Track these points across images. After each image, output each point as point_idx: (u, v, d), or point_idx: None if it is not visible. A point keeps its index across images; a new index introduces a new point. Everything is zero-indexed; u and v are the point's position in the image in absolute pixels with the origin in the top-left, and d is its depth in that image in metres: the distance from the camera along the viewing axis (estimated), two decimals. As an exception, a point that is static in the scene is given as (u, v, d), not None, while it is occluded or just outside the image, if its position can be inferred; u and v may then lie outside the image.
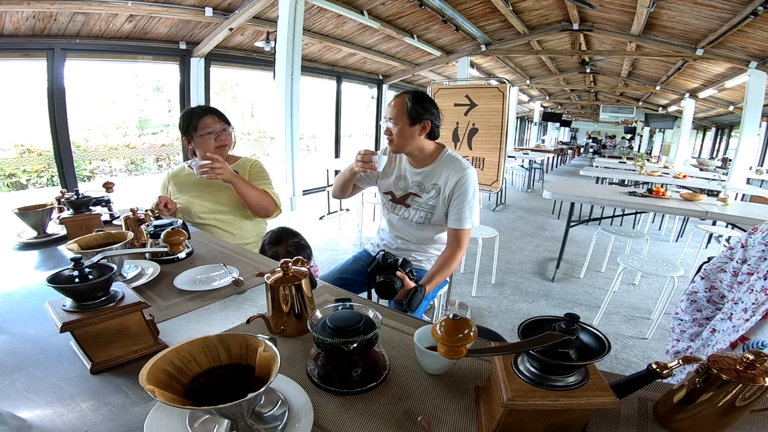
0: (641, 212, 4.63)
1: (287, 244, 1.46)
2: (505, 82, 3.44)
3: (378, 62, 6.80)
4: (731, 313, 0.74)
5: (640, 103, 12.66)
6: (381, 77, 7.73)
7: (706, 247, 4.03)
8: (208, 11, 3.91)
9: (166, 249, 0.96)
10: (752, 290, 0.71)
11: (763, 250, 0.72)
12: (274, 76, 3.59)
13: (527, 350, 0.51)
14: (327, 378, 0.69)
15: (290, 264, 0.87)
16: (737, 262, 0.79)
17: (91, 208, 1.46)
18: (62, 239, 1.39)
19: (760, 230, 0.76)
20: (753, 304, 0.71)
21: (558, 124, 17.85)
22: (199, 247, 1.38)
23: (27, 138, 5.97)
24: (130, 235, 1.06)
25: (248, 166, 1.81)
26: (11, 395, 0.64)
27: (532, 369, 0.54)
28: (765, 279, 0.71)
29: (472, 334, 0.50)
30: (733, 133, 10.92)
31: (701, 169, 7.69)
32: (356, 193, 1.79)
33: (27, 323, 0.87)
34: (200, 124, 1.66)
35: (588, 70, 8.24)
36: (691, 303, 0.93)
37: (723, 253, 0.86)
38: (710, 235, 3.91)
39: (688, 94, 8.24)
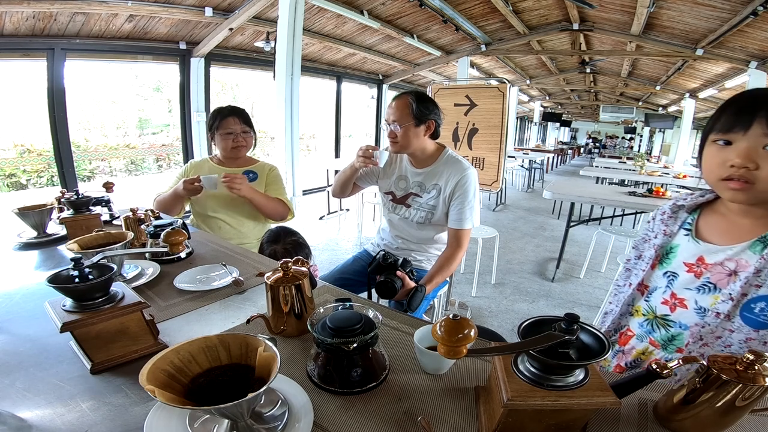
0: (641, 212, 4.63)
1: (285, 242, 1.46)
2: (505, 82, 3.44)
3: (378, 62, 6.81)
4: (641, 269, 0.95)
5: (640, 103, 12.66)
6: (381, 77, 7.73)
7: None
8: (208, 11, 3.91)
9: (166, 249, 0.96)
10: (649, 247, 0.93)
11: (661, 218, 0.93)
12: (274, 76, 3.60)
13: (527, 350, 0.51)
14: (327, 378, 0.69)
15: (290, 264, 0.87)
16: (650, 231, 0.98)
17: (91, 208, 1.46)
18: (62, 239, 1.39)
19: (662, 205, 0.96)
20: (648, 258, 0.92)
21: (558, 124, 17.85)
22: (199, 247, 1.38)
23: (27, 138, 5.96)
24: (130, 235, 1.06)
25: (266, 170, 1.87)
26: (11, 395, 0.64)
27: (532, 369, 0.54)
28: (655, 237, 0.92)
29: (472, 334, 0.50)
30: (733, 133, 10.89)
31: (701, 169, 7.66)
32: (356, 192, 1.79)
33: (27, 323, 0.87)
34: (222, 123, 1.73)
35: (588, 70, 8.25)
36: (626, 270, 1.06)
37: (647, 225, 1.03)
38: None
39: (688, 94, 8.24)
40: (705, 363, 0.57)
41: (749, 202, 0.75)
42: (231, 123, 1.73)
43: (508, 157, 5.14)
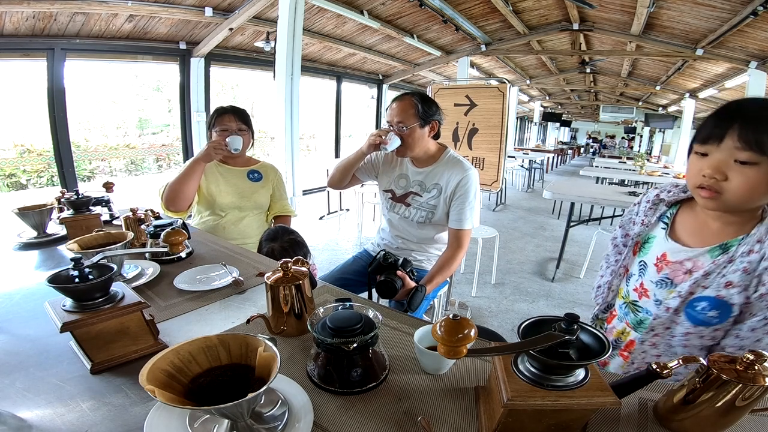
0: (641, 212, 4.62)
1: (282, 241, 1.46)
2: (505, 82, 3.44)
3: (378, 62, 6.81)
4: (625, 252, 1.00)
5: (640, 103, 12.66)
6: (381, 77, 7.73)
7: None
8: (208, 11, 3.91)
9: (166, 249, 0.96)
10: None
11: (645, 206, 0.97)
12: (274, 76, 3.60)
13: (527, 350, 0.51)
14: (327, 378, 0.69)
15: (290, 264, 0.87)
16: (635, 214, 1.01)
17: (91, 208, 1.46)
18: (62, 239, 1.39)
19: (646, 193, 1.00)
20: (630, 245, 0.97)
21: (558, 124, 17.85)
22: (199, 247, 1.38)
23: (27, 138, 5.95)
24: (130, 235, 1.06)
25: (270, 172, 1.88)
26: (11, 395, 0.64)
27: (532, 369, 0.54)
28: (636, 224, 0.98)
29: (472, 334, 0.50)
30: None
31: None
32: (354, 185, 1.78)
33: (27, 323, 0.87)
34: (218, 120, 1.73)
35: (588, 70, 8.25)
36: (614, 247, 1.11)
37: (631, 207, 1.05)
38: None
39: (688, 94, 8.24)
40: (705, 363, 0.58)
41: (718, 209, 0.80)
42: (227, 120, 1.72)
43: (508, 157, 5.14)
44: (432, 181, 1.53)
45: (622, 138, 19.81)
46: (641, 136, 16.66)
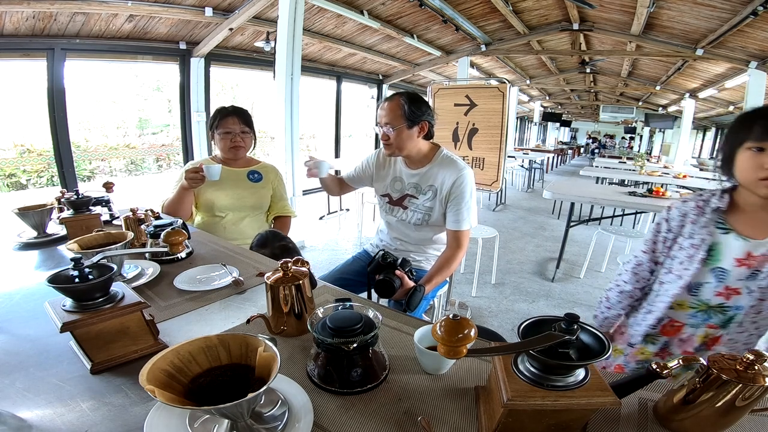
0: (641, 212, 4.63)
1: (273, 247, 1.45)
2: (505, 82, 3.44)
3: (378, 62, 6.81)
4: (671, 267, 1.04)
5: (640, 103, 12.66)
6: (381, 77, 7.73)
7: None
8: (208, 11, 3.91)
9: (166, 249, 0.96)
10: (681, 247, 1.02)
11: (681, 219, 1.03)
12: (274, 76, 3.60)
13: (527, 350, 0.51)
14: (327, 378, 0.69)
15: (290, 264, 0.87)
16: (665, 232, 1.06)
17: (91, 208, 1.46)
18: (62, 239, 1.39)
19: (675, 207, 1.06)
20: (687, 257, 1.00)
21: (558, 124, 17.85)
22: (199, 247, 1.38)
23: (27, 138, 5.95)
24: (130, 235, 1.06)
25: (270, 173, 1.88)
26: (11, 395, 0.64)
27: (532, 369, 0.54)
28: (690, 237, 1.01)
29: (472, 334, 0.50)
30: (733, 133, 10.88)
31: (701, 169, 7.66)
32: (347, 192, 1.85)
33: (27, 323, 0.87)
34: (222, 123, 1.73)
35: (588, 70, 8.25)
36: (634, 274, 1.14)
37: (650, 229, 1.12)
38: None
39: (688, 94, 8.24)
40: (705, 363, 0.58)
41: None
42: (230, 123, 1.73)
43: (508, 157, 5.13)
44: (427, 183, 1.52)
45: (622, 138, 19.82)
46: (641, 136, 16.66)
